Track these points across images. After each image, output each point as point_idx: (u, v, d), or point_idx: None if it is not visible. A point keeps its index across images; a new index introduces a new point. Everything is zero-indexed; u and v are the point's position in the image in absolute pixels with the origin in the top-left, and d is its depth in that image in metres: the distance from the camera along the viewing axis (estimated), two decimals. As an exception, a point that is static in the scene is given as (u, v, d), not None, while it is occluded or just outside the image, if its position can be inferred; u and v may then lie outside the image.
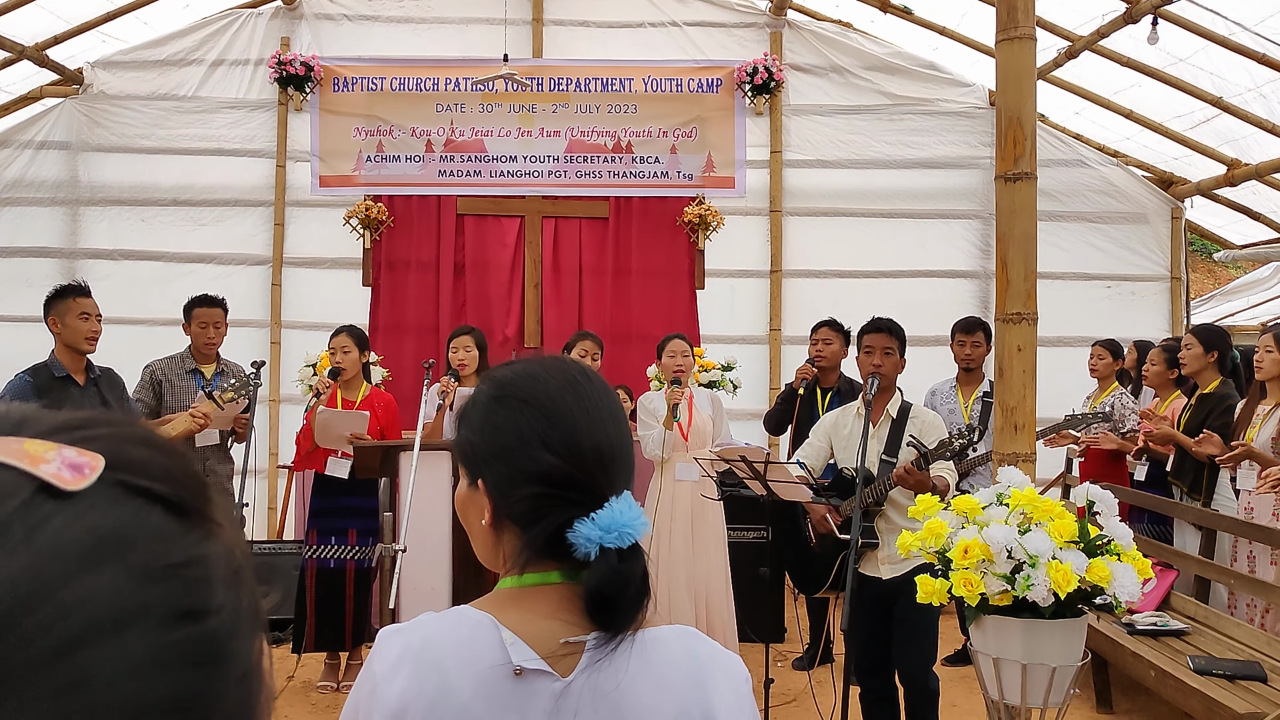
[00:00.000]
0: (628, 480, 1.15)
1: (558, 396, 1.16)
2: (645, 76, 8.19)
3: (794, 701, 5.16)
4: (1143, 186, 8.39)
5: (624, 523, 1.06)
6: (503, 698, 1.07)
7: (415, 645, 1.13)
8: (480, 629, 1.11)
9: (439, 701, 1.08)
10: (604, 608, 1.06)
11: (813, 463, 4.34)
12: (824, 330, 5.89)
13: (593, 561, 1.07)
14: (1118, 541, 2.83)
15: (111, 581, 0.47)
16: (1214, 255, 12.95)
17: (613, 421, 1.17)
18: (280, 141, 8.04)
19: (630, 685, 1.07)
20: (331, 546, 5.36)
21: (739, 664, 1.16)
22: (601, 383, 1.22)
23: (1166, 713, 4.97)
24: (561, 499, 1.10)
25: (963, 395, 5.86)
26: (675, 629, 1.15)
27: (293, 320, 7.99)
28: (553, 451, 1.12)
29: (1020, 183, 3.40)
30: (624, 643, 1.08)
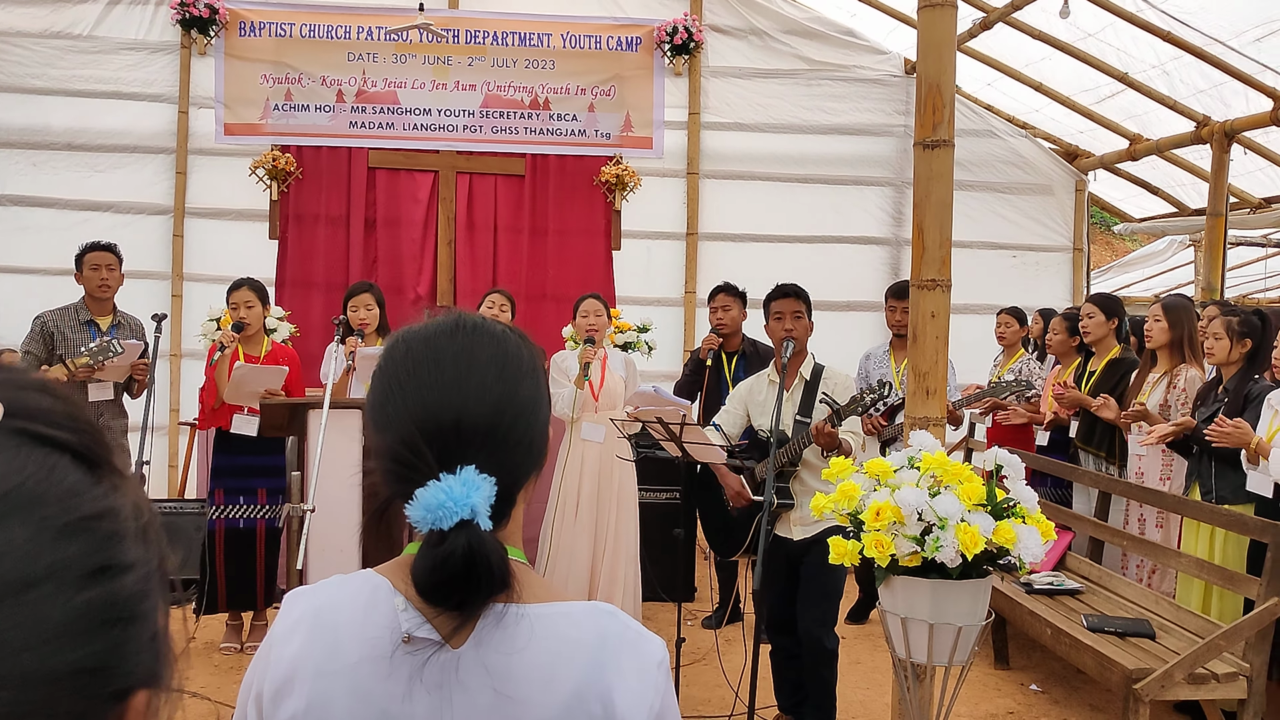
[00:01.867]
0: (498, 450, 1.06)
1: (413, 362, 1.10)
2: (564, 32, 8.07)
3: (703, 660, 5.23)
4: (1049, 159, 8.60)
5: (443, 501, 0.99)
6: (390, 665, 1.04)
7: (314, 608, 1.10)
8: (378, 593, 1.08)
9: (327, 666, 1.05)
10: (424, 591, 1.02)
11: (729, 429, 4.37)
12: (721, 296, 5.92)
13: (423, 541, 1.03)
14: (1023, 505, 2.91)
15: (21, 538, 0.43)
16: (1113, 228, 13.39)
17: (482, 388, 1.08)
18: (183, 86, 7.72)
19: (524, 660, 1.04)
20: (240, 506, 5.22)
21: (654, 647, 1.10)
22: (487, 344, 1.12)
23: (1061, 669, 5.18)
24: (394, 473, 1.05)
25: (895, 361, 5.95)
26: (590, 606, 1.10)
27: (195, 273, 7.73)
28: (393, 421, 1.07)
29: (938, 150, 3.43)
30: (521, 616, 1.04)
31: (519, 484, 1.12)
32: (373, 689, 1.04)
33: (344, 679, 1.05)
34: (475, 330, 1.13)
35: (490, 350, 1.12)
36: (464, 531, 1.00)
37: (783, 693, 4.37)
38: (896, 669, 3.14)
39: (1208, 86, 7.21)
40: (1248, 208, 8.69)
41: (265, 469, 5.23)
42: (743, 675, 4.13)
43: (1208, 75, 7.04)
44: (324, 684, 1.05)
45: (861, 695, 4.72)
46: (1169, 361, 5.18)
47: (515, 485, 1.11)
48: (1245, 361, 4.62)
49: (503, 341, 1.14)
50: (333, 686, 1.05)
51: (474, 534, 1.00)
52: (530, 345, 1.18)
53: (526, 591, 1.07)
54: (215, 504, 5.21)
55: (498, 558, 1.01)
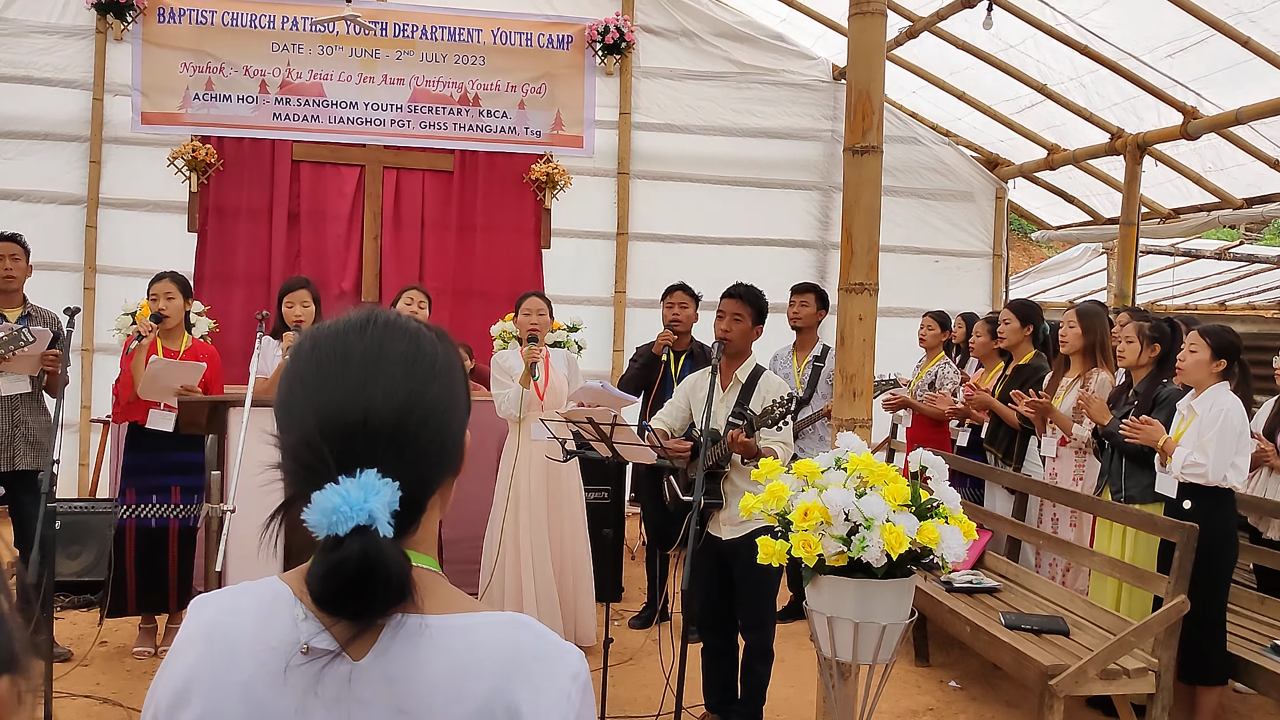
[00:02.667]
0: (405, 452, 1.02)
1: (320, 358, 1.05)
2: (495, 29, 8.02)
3: (631, 660, 5.23)
4: (971, 166, 8.79)
5: (338, 505, 0.95)
6: (287, 678, 0.99)
7: (214, 615, 1.05)
8: (278, 602, 1.03)
9: (222, 679, 1.01)
10: (318, 599, 0.98)
11: (672, 423, 4.38)
12: (679, 294, 5.94)
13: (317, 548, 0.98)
14: (946, 505, 2.97)
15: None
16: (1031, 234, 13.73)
17: (389, 387, 1.03)
18: (98, 73, 7.49)
19: (427, 673, 0.99)
20: (153, 505, 5.07)
21: (569, 660, 1.04)
22: (398, 341, 1.06)
23: (979, 666, 5.30)
24: (296, 473, 1.01)
25: (796, 359, 6.03)
26: (503, 617, 1.04)
27: (109, 265, 7.50)
28: (297, 420, 1.03)
29: (867, 156, 3.48)
30: (427, 627, 1.00)
31: (429, 489, 1.06)
32: (268, 702, 0.99)
33: (239, 691, 1.00)
34: (387, 327, 1.08)
35: (401, 347, 1.06)
36: (360, 538, 0.95)
37: (711, 691, 4.39)
38: (822, 667, 3.18)
39: (1122, 100, 7.44)
40: (1158, 218, 9.00)
41: (180, 467, 5.09)
42: (670, 674, 4.14)
43: (1122, 89, 7.27)
44: (218, 696, 1.00)
45: (786, 693, 4.77)
46: (1082, 366, 5.33)
47: (424, 491, 1.05)
48: (1155, 365, 4.78)
49: (415, 339, 1.08)
50: (227, 699, 1.00)
51: (370, 541, 0.95)
52: (448, 344, 1.12)
53: (435, 602, 1.03)
54: (126, 503, 5.05)
55: (396, 567, 0.96)
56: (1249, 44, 6.15)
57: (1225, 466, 4.22)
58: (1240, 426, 4.28)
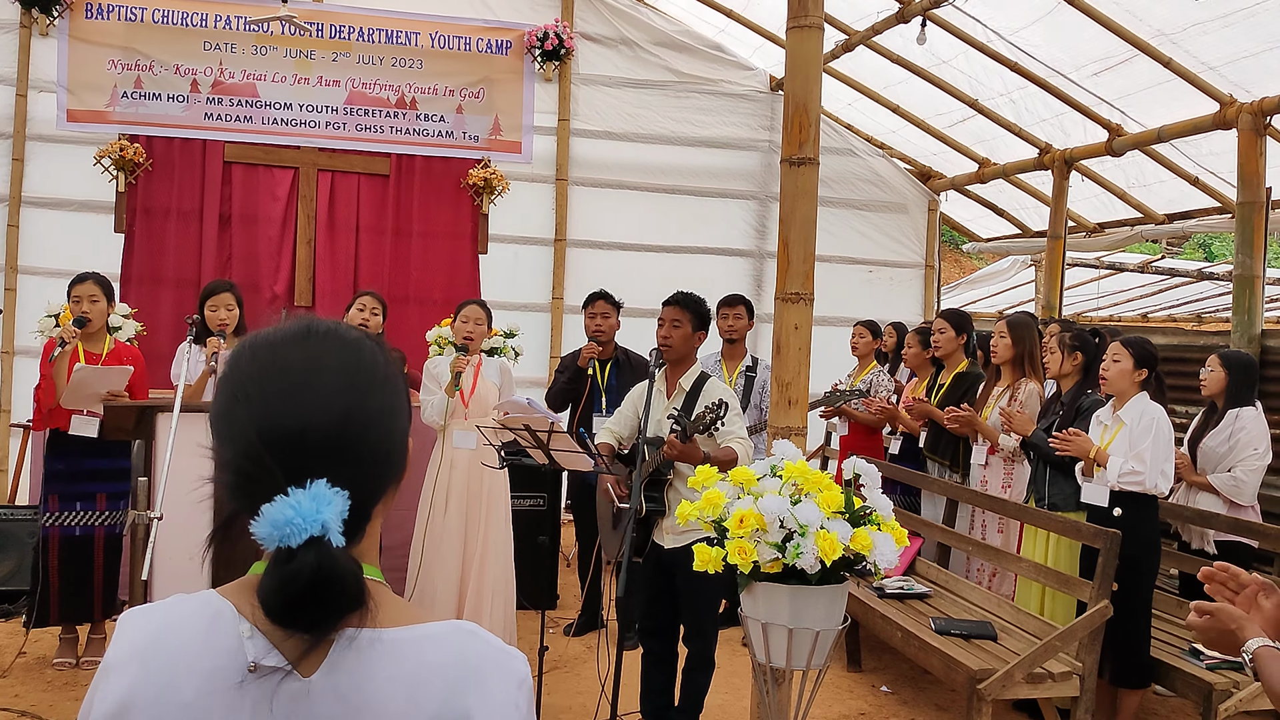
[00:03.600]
0: (349, 463, 1.01)
1: (258, 369, 1.04)
2: (433, 32, 7.96)
3: (565, 667, 5.22)
4: (905, 179, 8.94)
5: (291, 518, 0.94)
6: (233, 697, 0.97)
7: (150, 633, 1.03)
8: (220, 619, 1.01)
9: (162, 698, 0.98)
10: (272, 613, 0.96)
11: (621, 432, 4.37)
12: (600, 304, 5.93)
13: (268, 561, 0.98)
14: (879, 512, 3.01)
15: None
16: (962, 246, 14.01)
17: (329, 398, 1.02)
18: (21, 68, 7.28)
19: (379, 687, 0.98)
20: (77, 512, 4.94)
21: (516, 666, 1.05)
22: (337, 351, 1.06)
23: (910, 670, 5.38)
24: (238, 486, 1.00)
25: (727, 369, 6.07)
26: (449, 626, 1.05)
27: (31, 266, 7.29)
28: (236, 433, 1.01)
29: (804, 167, 3.53)
30: (377, 640, 0.99)
31: (374, 498, 1.06)
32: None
33: (181, 712, 0.98)
34: (326, 336, 1.07)
35: (340, 357, 1.06)
36: (313, 549, 0.94)
37: (649, 698, 4.39)
38: (756, 673, 3.20)
39: (1050, 116, 7.63)
40: (1084, 231, 9.24)
41: (106, 473, 4.97)
42: (605, 680, 4.14)
43: (1050, 105, 7.45)
44: (160, 718, 0.98)
45: (721, 699, 4.79)
46: (1011, 375, 5.45)
47: (370, 500, 1.05)
48: (1080, 374, 4.90)
49: (355, 349, 1.07)
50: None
51: (324, 551, 0.95)
52: (386, 353, 1.12)
53: (383, 613, 1.02)
54: (49, 510, 4.91)
55: (351, 576, 0.96)
56: (1171, 64, 6.35)
57: (1158, 474, 4.33)
58: (1169, 433, 4.41)
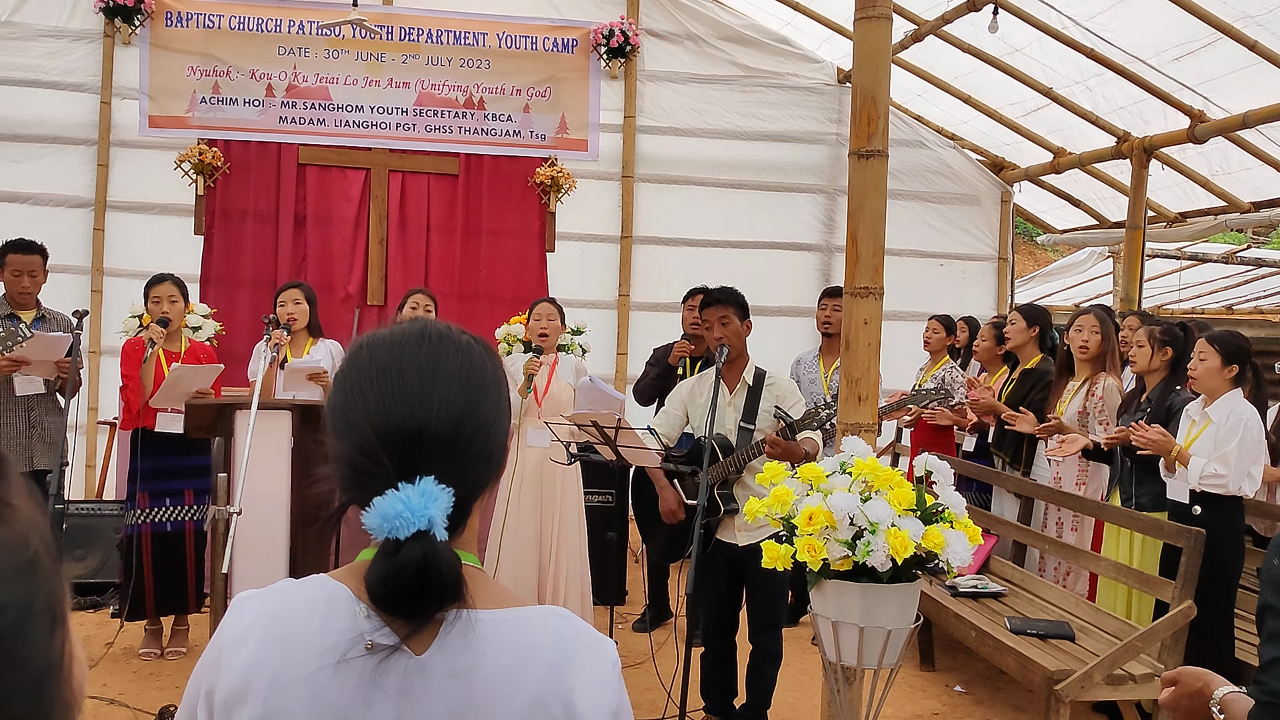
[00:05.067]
0: (458, 461, 1.07)
1: (376, 370, 1.10)
2: (500, 32, 8.02)
3: (635, 663, 5.23)
4: (976, 170, 8.78)
5: (400, 512, 1.00)
6: (351, 674, 1.03)
7: (267, 614, 1.08)
8: (336, 599, 1.07)
9: (283, 675, 1.04)
10: (378, 600, 1.02)
11: (667, 430, 4.37)
12: (699, 298, 5.92)
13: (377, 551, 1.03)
14: (951, 509, 2.97)
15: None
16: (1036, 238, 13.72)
17: (445, 401, 1.08)
18: (105, 76, 7.51)
19: (487, 666, 1.04)
20: (166, 508, 5.09)
21: (609, 648, 1.12)
22: (452, 356, 1.12)
23: (984, 670, 5.29)
24: (352, 479, 1.06)
25: (824, 365, 6.00)
26: (545, 610, 1.11)
27: (116, 268, 7.52)
28: (353, 428, 1.07)
29: (872, 159, 3.48)
30: (480, 622, 1.05)
31: (476, 494, 1.12)
32: (333, 697, 1.03)
33: (303, 688, 1.03)
34: (441, 341, 1.14)
35: (456, 363, 1.12)
36: (419, 542, 1.00)
37: (711, 695, 4.39)
38: (827, 671, 3.18)
39: (1129, 103, 7.43)
40: (1164, 221, 8.98)
41: (191, 470, 5.11)
42: (674, 677, 4.14)
43: (1129, 92, 7.26)
44: (282, 693, 1.03)
45: (791, 697, 4.76)
46: (1088, 370, 5.32)
47: (472, 495, 1.11)
48: (1168, 370, 4.75)
49: (467, 353, 1.14)
50: (291, 695, 1.03)
51: (429, 545, 1.00)
52: (494, 358, 1.19)
53: (484, 597, 1.07)
54: (139, 507, 5.06)
55: (451, 569, 1.01)
56: (1256, 47, 6.14)
57: (1243, 476, 4.21)
58: (1258, 435, 4.27)
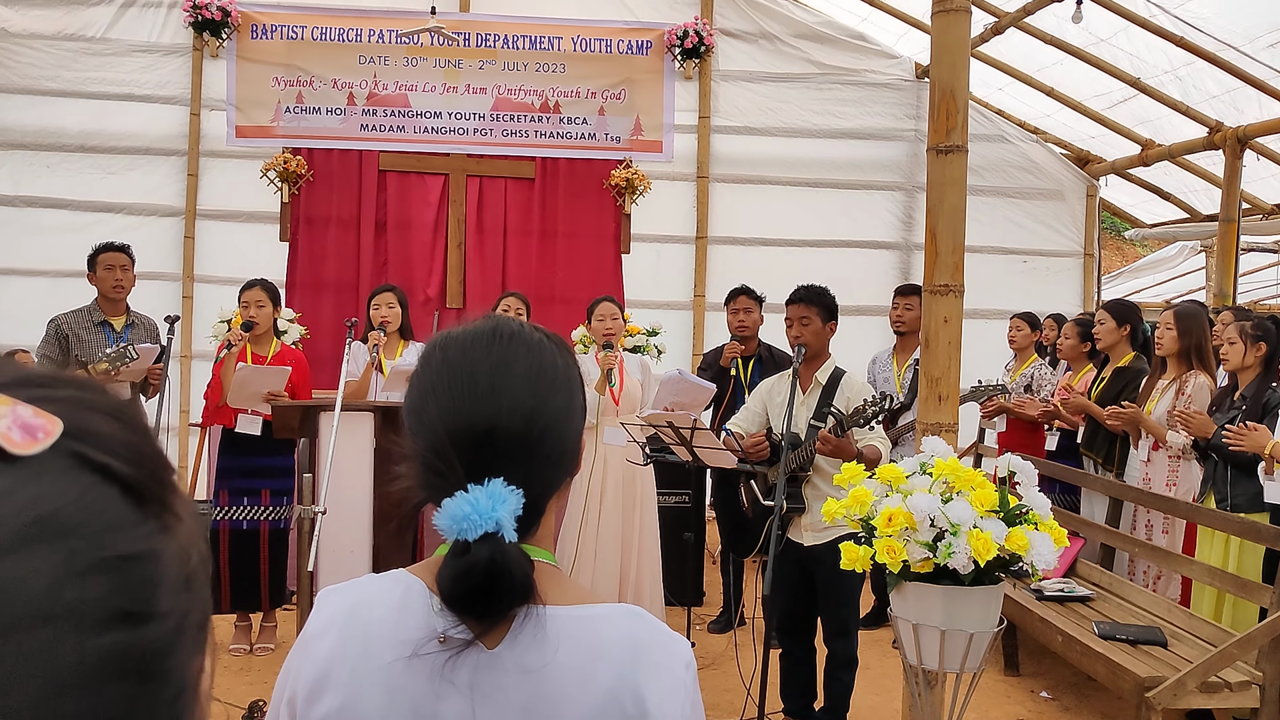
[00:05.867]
0: (529, 462, 1.07)
1: (449, 370, 1.10)
2: (574, 36, 8.08)
3: (712, 664, 5.22)
4: (1060, 164, 8.58)
5: (469, 514, 1.00)
6: (425, 667, 1.04)
7: (347, 607, 1.11)
8: (412, 593, 1.08)
9: (361, 665, 1.06)
10: (447, 599, 1.03)
11: (748, 428, 4.36)
12: (742, 298, 5.91)
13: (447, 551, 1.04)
14: (1036, 511, 2.90)
15: (46, 567, 0.41)
16: (1124, 233, 13.35)
17: (515, 401, 1.08)
18: (195, 89, 7.74)
19: (559, 662, 1.04)
20: (244, 507, 5.23)
21: (682, 648, 1.11)
22: (523, 355, 1.11)
23: (1071, 676, 5.16)
24: (426, 479, 1.07)
25: (897, 363, 5.93)
26: (619, 608, 1.11)
27: (206, 275, 7.75)
28: (427, 428, 1.08)
29: (951, 155, 3.42)
30: (554, 618, 1.05)
31: (548, 494, 1.12)
32: (406, 689, 1.05)
33: (378, 678, 1.06)
34: (512, 340, 1.13)
35: (526, 362, 1.11)
36: (488, 544, 1.00)
37: (790, 696, 4.37)
38: (907, 675, 3.13)
39: (1221, 92, 7.19)
40: (1260, 214, 8.66)
41: (270, 470, 5.24)
42: (753, 679, 4.12)
43: (1221, 81, 7.02)
44: (359, 684, 1.06)
45: (871, 701, 4.71)
46: (1178, 368, 5.16)
47: (544, 496, 1.11)
48: (1261, 367, 4.59)
49: (539, 352, 1.13)
50: (367, 686, 1.06)
51: (497, 547, 1.00)
52: (567, 354, 1.18)
53: (558, 594, 1.08)
54: (220, 505, 5.22)
55: (520, 570, 1.01)
56: (1357, 31, 5.89)
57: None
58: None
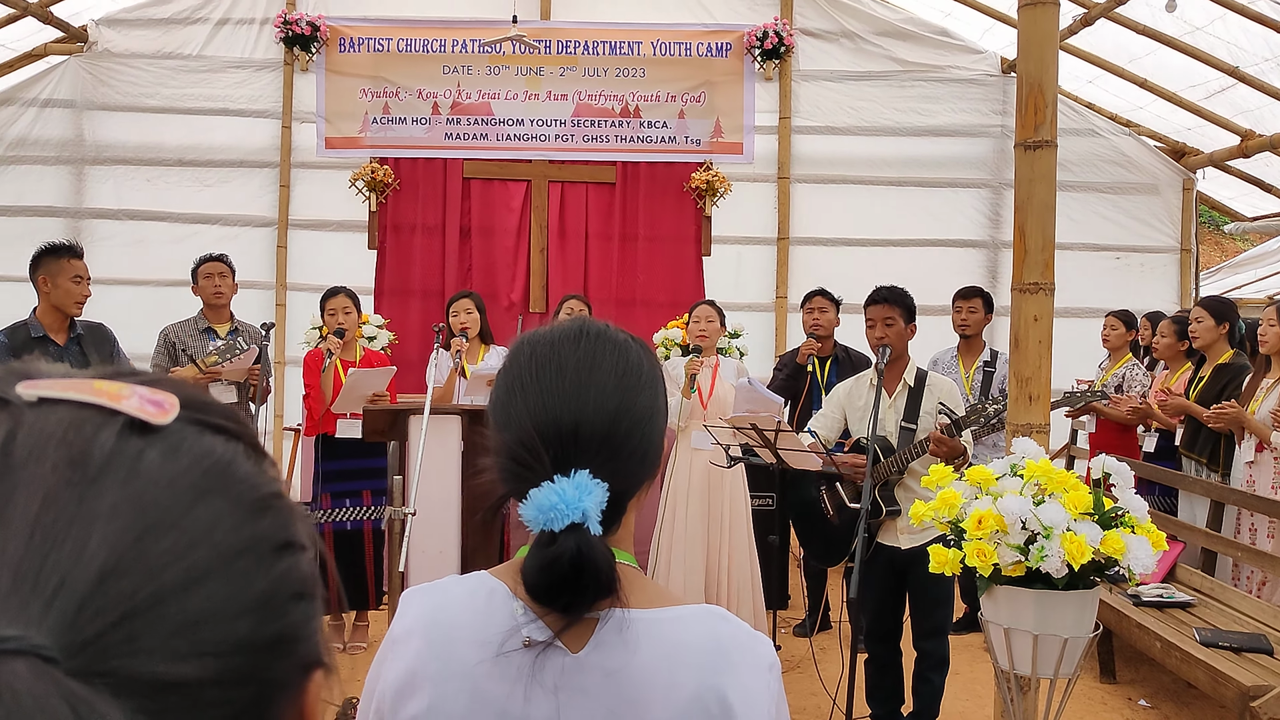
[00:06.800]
0: (613, 457, 1.07)
1: (536, 365, 1.12)
2: (654, 40, 8.11)
3: (798, 668, 5.19)
4: (1155, 157, 8.32)
5: (555, 503, 1.01)
6: (509, 669, 1.05)
7: (430, 608, 1.12)
8: (495, 597, 1.09)
9: (446, 669, 1.08)
10: (533, 591, 1.04)
11: (826, 433, 4.33)
12: (818, 299, 5.87)
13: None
14: (1132, 513, 2.83)
15: (225, 510, 0.46)
16: (1224, 227, 12.91)
17: (601, 396, 1.09)
18: (286, 102, 7.97)
19: (641, 665, 1.05)
20: (347, 509, 5.37)
21: (765, 649, 1.11)
22: (609, 353, 1.13)
23: (1170, 684, 5.01)
24: (511, 471, 1.08)
25: (963, 364, 5.84)
26: (700, 609, 1.11)
27: (298, 283, 7.96)
28: (513, 421, 1.10)
29: (1040, 150, 3.36)
30: (636, 621, 1.05)
31: (631, 492, 1.12)
32: (492, 691, 1.06)
33: (463, 681, 1.07)
34: (599, 338, 1.15)
35: (612, 359, 1.13)
36: (574, 535, 1.01)
37: (877, 700, 4.32)
38: (999, 680, 3.08)
39: (1325, 79, 6.91)
40: (1369, 205, 8.29)
41: (369, 471, 5.37)
42: (839, 683, 4.09)
43: (1325, 67, 6.75)
44: (445, 686, 1.07)
45: (961, 706, 4.63)
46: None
47: (627, 493, 1.11)
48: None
49: (625, 351, 1.15)
50: (453, 688, 1.07)
51: (583, 538, 1.01)
52: (651, 356, 1.19)
53: (640, 596, 1.08)
54: (323, 508, 5.36)
55: (605, 562, 1.02)
56: None
57: None
58: None
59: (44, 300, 4.52)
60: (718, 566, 5.12)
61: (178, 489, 0.45)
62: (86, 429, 0.45)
